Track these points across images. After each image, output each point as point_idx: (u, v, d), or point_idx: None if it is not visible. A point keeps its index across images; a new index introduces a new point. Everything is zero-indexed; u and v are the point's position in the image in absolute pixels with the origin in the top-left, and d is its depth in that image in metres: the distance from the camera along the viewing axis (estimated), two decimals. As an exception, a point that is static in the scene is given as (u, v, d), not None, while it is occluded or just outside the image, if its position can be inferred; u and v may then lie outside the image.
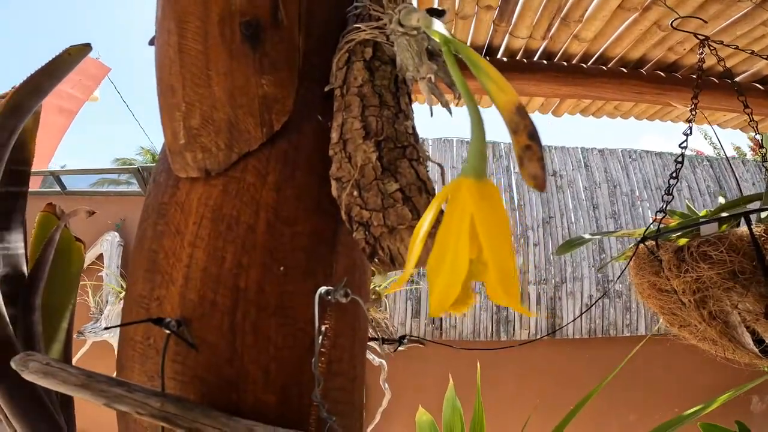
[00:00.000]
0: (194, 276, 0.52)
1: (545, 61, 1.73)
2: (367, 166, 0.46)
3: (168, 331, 0.50)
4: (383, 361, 3.02)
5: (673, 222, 1.15)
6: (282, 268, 0.51)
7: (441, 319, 3.62)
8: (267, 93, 0.50)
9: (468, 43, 1.70)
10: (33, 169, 0.79)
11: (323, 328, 0.51)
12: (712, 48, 1.43)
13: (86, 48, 0.64)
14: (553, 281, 3.86)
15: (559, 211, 4.00)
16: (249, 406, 0.46)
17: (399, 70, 0.51)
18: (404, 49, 0.48)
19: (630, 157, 4.31)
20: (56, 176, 3.48)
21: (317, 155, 0.53)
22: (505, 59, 1.71)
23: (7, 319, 0.67)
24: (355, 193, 0.47)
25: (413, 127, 0.54)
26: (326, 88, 0.53)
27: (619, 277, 3.40)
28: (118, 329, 0.54)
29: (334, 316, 0.53)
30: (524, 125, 0.30)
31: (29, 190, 0.80)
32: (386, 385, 2.96)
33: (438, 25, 0.36)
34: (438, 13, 0.51)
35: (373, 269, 1.11)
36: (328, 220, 0.54)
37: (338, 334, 0.53)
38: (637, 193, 4.18)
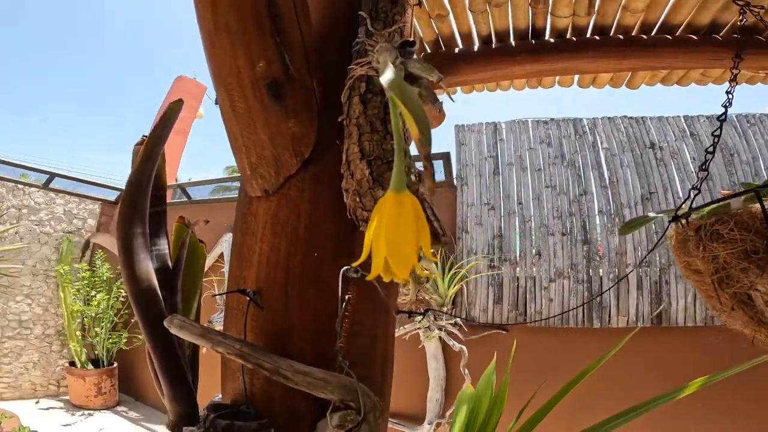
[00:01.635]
0: (263, 261, 0.77)
1: (597, 37, 1.71)
2: (363, 180, 0.65)
3: (248, 299, 0.76)
4: (463, 347, 3.15)
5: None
6: (316, 254, 0.74)
7: (525, 304, 3.61)
8: (295, 132, 0.72)
9: (510, 29, 1.75)
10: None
11: (346, 297, 0.72)
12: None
13: (181, 102, 0.93)
14: (658, 263, 3.59)
15: (662, 186, 3.67)
16: (294, 351, 0.69)
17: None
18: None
19: (748, 122, 3.78)
20: (183, 188, 4.21)
21: (337, 173, 0.74)
22: (552, 40, 1.73)
23: (161, 299, 0.99)
24: (357, 199, 0.66)
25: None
26: (339, 119, 0.73)
27: (645, 256, 3.07)
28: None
29: (355, 290, 0.74)
30: (424, 151, 0.49)
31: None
32: (466, 371, 3.08)
33: (386, 74, 0.52)
34: (409, 44, 0.67)
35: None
36: (348, 220, 0.74)
37: (359, 302, 0.74)
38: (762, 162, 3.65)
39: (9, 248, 4.13)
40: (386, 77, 0.49)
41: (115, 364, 4.79)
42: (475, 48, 1.84)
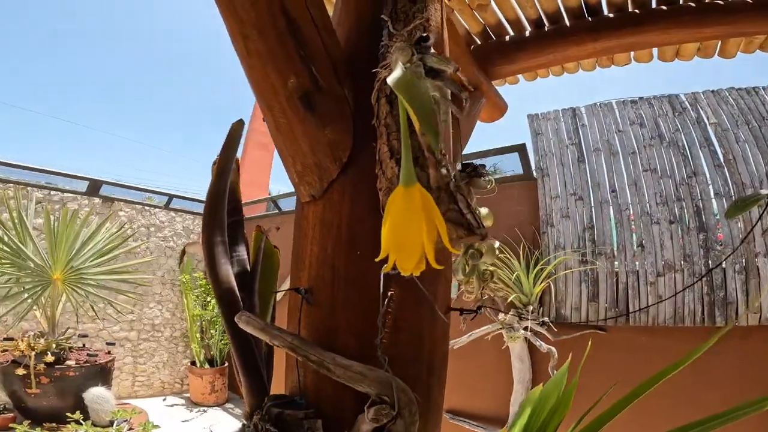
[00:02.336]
0: (313, 262, 0.83)
1: (665, 7, 1.52)
2: (393, 177, 0.67)
3: (301, 296, 0.82)
4: (552, 348, 2.96)
5: None
6: (359, 252, 0.77)
7: (627, 302, 3.29)
8: (331, 139, 0.76)
9: (561, 9, 1.63)
10: (257, 198, 1.24)
11: (389, 293, 0.74)
12: None
13: (241, 123, 1.04)
14: (798, 249, 3.05)
15: (796, 161, 3.12)
16: (339, 345, 0.73)
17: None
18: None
19: None
20: (274, 201, 4.58)
21: (374, 174, 0.76)
22: (611, 15, 1.58)
23: (240, 300, 1.11)
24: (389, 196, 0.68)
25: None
26: (372, 122, 0.76)
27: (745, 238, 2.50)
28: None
29: (398, 287, 0.76)
30: (425, 141, 0.50)
31: (260, 214, 1.26)
32: (555, 372, 2.90)
33: (393, 74, 0.53)
34: (423, 39, 0.67)
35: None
36: (386, 217, 0.77)
37: (402, 300, 0.76)
38: None
39: (142, 261, 4.87)
40: (392, 77, 0.51)
41: (226, 364, 5.36)
42: (527, 33, 1.75)
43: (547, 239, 3.53)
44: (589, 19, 1.66)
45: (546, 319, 3.26)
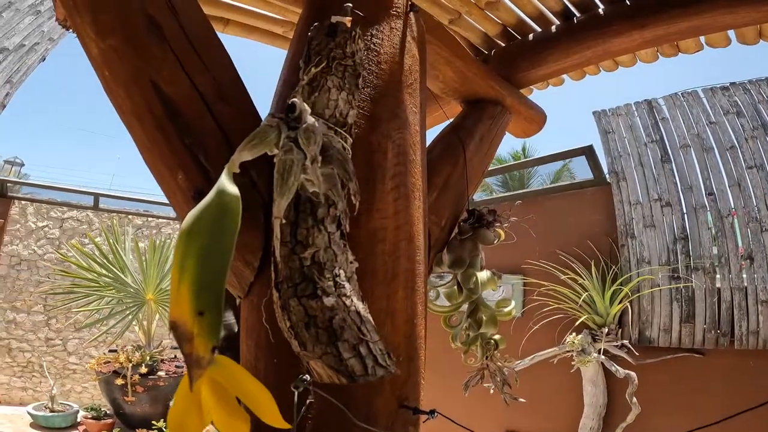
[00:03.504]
0: (244, 360, 0.79)
1: None
2: (276, 310, 0.59)
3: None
4: (631, 374, 2.60)
5: None
6: (275, 360, 0.71)
7: (732, 323, 2.76)
8: (237, 242, 0.71)
9: None
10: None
11: (307, 401, 0.67)
12: None
13: None
14: None
15: None
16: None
17: (301, 190, 0.57)
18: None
19: None
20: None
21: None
22: None
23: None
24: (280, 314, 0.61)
25: (312, 256, 0.55)
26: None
27: None
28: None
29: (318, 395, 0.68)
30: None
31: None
32: (634, 399, 2.55)
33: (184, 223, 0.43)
34: (289, 109, 0.53)
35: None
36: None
37: (322, 408, 0.68)
38: None
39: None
40: (186, 218, 0.40)
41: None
42: (554, 28, 1.48)
43: (628, 252, 3.09)
44: (627, 2, 1.36)
45: (626, 342, 2.86)
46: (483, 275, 1.04)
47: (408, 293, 0.75)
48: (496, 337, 1.12)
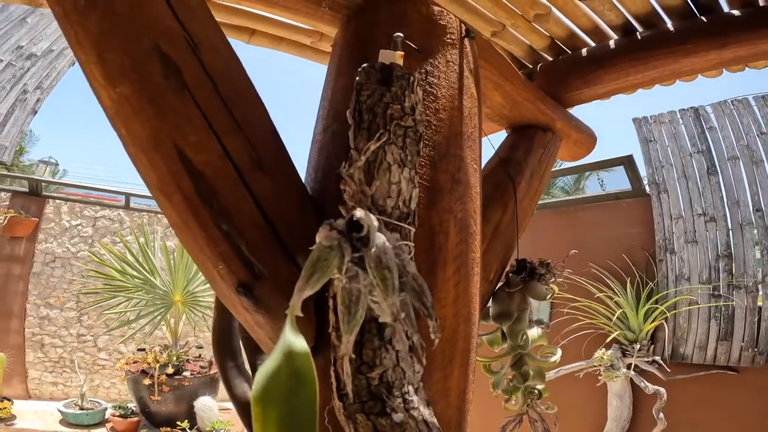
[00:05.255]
0: None
1: None
2: (339, 415, 0.53)
3: None
4: (660, 389, 2.51)
5: None
6: None
7: (770, 341, 2.64)
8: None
9: (657, 8, 1.20)
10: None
11: None
12: None
13: None
14: None
15: None
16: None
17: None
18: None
19: None
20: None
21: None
22: (737, 13, 1.14)
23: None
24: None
25: (380, 376, 0.49)
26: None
27: None
28: None
29: None
30: None
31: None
32: (661, 415, 2.47)
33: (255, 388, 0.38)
34: (353, 227, 0.44)
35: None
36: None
37: None
38: None
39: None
40: (256, 382, 0.35)
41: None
42: (612, 43, 1.33)
43: (666, 268, 2.95)
44: (703, 18, 1.22)
45: (657, 358, 2.76)
46: (533, 333, 0.97)
47: (462, 370, 0.69)
48: (540, 387, 1.06)
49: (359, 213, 0.42)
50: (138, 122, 0.55)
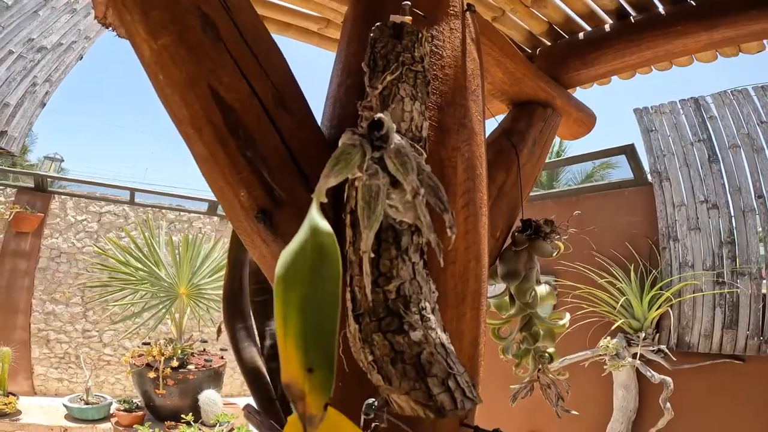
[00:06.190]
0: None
1: None
2: (355, 334, 0.55)
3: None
4: (666, 379, 2.51)
5: None
6: (340, 383, 0.68)
7: (777, 330, 2.64)
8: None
9: None
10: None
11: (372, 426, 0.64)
12: None
13: None
14: None
15: None
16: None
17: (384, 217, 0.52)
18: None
19: None
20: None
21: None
22: None
23: (266, 375, 1.11)
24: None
25: (397, 288, 0.50)
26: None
27: None
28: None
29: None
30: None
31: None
32: (668, 404, 2.47)
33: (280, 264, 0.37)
34: (375, 126, 0.47)
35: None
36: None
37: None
38: None
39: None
40: (281, 259, 0.36)
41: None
42: (607, 27, 1.39)
43: (669, 255, 2.96)
44: (693, 2, 1.27)
45: (663, 347, 2.76)
46: (542, 289, 0.99)
47: (474, 314, 0.71)
48: (550, 350, 1.07)
49: (381, 115, 0.45)
50: (176, 67, 0.63)
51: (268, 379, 1.13)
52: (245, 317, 1.08)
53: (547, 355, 1.06)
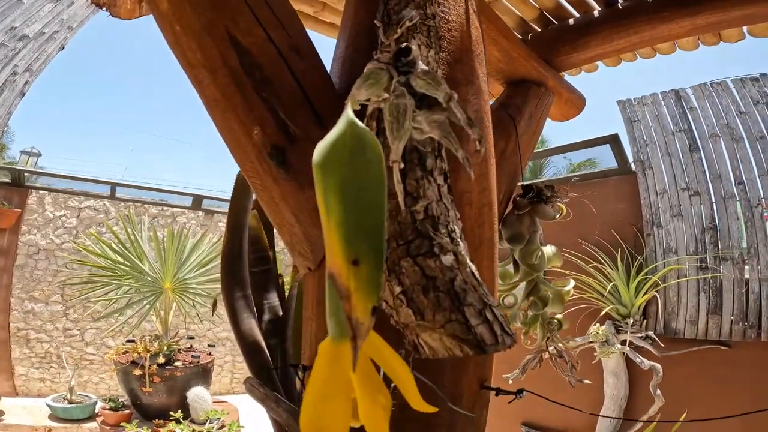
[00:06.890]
0: (312, 339, 0.75)
1: None
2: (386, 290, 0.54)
3: (302, 372, 0.75)
4: (656, 365, 2.57)
5: None
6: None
7: (760, 314, 2.71)
8: (315, 203, 0.67)
9: None
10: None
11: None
12: None
13: None
14: None
15: None
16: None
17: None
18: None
19: None
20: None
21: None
22: None
23: (265, 349, 1.09)
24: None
25: (425, 209, 0.48)
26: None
27: None
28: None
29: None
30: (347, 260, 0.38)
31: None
32: (658, 391, 2.52)
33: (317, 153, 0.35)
34: (402, 53, 0.49)
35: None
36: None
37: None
38: None
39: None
40: (318, 148, 0.33)
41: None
42: (596, 13, 1.45)
43: (654, 242, 3.03)
44: None
45: (651, 333, 2.82)
46: (548, 250, 1.00)
47: (489, 264, 0.72)
48: (558, 316, 1.07)
49: (408, 44, 0.45)
50: (195, 15, 0.63)
51: (268, 355, 1.11)
52: (244, 285, 1.06)
53: (555, 321, 1.06)
